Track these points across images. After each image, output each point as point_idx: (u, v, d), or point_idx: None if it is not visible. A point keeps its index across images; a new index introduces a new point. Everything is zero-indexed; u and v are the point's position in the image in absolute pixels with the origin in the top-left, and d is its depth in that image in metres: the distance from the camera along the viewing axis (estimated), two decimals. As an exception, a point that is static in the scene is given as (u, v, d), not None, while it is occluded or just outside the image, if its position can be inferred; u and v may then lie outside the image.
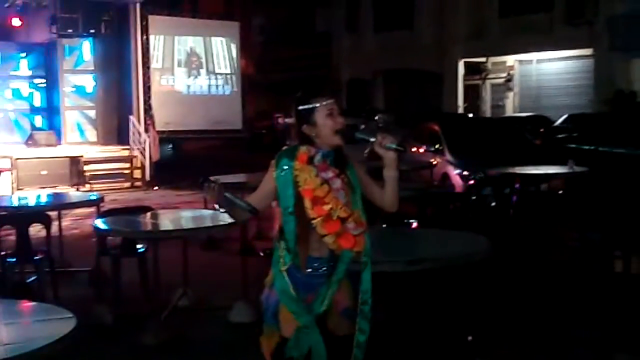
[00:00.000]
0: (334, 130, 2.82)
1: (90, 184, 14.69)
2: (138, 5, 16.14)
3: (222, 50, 18.58)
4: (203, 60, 18.29)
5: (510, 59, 24.72)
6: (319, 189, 2.78)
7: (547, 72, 24.08)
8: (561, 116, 15.88)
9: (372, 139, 2.84)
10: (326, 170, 2.82)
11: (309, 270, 2.82)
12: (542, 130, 14.67)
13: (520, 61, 24.69)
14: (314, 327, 2.77)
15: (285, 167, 2.82)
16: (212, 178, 2.86)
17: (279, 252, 2.85)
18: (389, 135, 2.83)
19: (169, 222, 6.03)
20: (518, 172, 8.61)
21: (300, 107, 2.87)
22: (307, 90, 2.94)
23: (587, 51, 21.79)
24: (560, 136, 13.12)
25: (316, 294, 2.80)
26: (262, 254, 7.19)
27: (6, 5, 15.72)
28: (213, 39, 18.34)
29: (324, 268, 2.82)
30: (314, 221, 2.77)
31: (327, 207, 2.77)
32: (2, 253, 5.83)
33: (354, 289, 2.86)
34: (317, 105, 2.84)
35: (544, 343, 4.73)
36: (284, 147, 2.98)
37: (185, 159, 18.04)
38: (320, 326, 2.79)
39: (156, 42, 17.20)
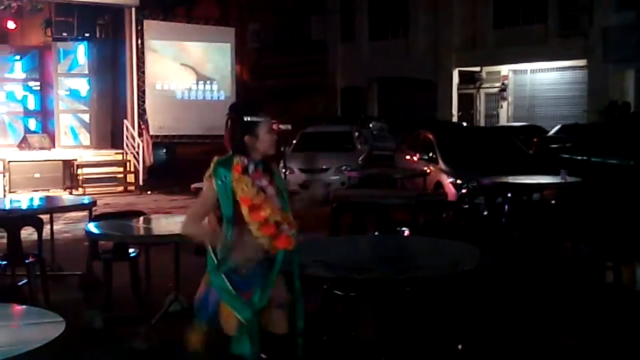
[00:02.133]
0: (271, 145, 3.11)
1: (83, 187, 14.66)
2: (133, 10, 16.15)
3: (217, 56, 18.58)
4: (198, 65, 18.28)
5: (505, 69, 24.82)
6: (256, 198, 3.02)
7: (541, 82, 24.19)
8: (555, 126, 15.92)
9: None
10: (260, 178, 3.08)
11: (243, 270, 3.05)
12: (535, 140, 14.71)
13: (515, 71, 24.79)
14: (255, 322, 3.01)
15: (224, 178, 3.02)
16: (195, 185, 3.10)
17: (217, 255, 3.08)
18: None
19: (161, 227, 6.02)
20: (511, 181, 8.63)
21: (247, 118, 3.10)
22: (250, 104, 3.26)
23: (581, 62, 21.91)
24: (553, 146, 13.16)
25: (253, 291, 3.03)
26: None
27: (1, 7, 15.70)
28: (208, 44, 18.35)
29: (260, 268, 3.07)
30: (251, 226, 3.01)
31: (264, 214, 3.01)
32: (-6, 256, 5.81)
33: (287, 285, 3.13)
34: (263, 120, 3.10)
35: (534, 352, 4.74)
36: (216, 158, 3.14)
37: (178, 164, 17.99)
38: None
39: (151, 46, 17.19)
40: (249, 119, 3.09)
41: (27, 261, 5.77)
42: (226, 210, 3.02)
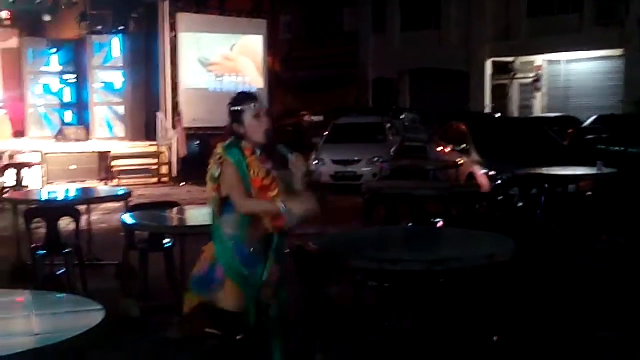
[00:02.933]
0: (259, 131, 3.23)
1: (118, 179, 14.83)
2: (167, 3, 16.26)
3: (250, 48, 18.63)
4: (230, 57, 18.35)
5: (539, 59, 24.49)
6: (267, 179, 3.23)
7: (576, 73, 23.82)
8: (590, 117, 15.71)
9: (290, 157, 3.24)
10: (265, 162, 3.28)
11: (252, 248, 3.24)
12: (570, 131, 14.51)
13: (549, 61, 24.44)
14: (255, 297, 3.21)
15: (239, 157, 3.23)
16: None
17: (227, 231, 3.25)
18: (302, 159, 3.24)
19: (195, 218, 6.08)
20: (546, 172, 8.53)
21: (232, 108, 3.31)
22: (238, 95, 3.39)
23: (618, 51, 21.52)
24: (589, 137, 12.97)
25: (254, 269, 3.21)
26: (288, 250, 7.21)
27: (37, 2, 15.94)
28: (240, 36, 18.40)
29: (257, 247, 3.26)
30: None
31: (271, 194, 3.22)
32: (33, 246, 5.92)
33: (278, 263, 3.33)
34: (245, 107, 3.26)
35: (570, 345, 4.69)
36: (221, 144, 3.33)
37: (211, 156, 18.13)
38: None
39: (184, 39, 17.30)
40: (235, 108, 3.29)
41: (65, 251, 5.88)
42: (246, 187, 3.23)
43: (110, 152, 15.29)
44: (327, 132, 15.26)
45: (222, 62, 18.19)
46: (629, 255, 6.36)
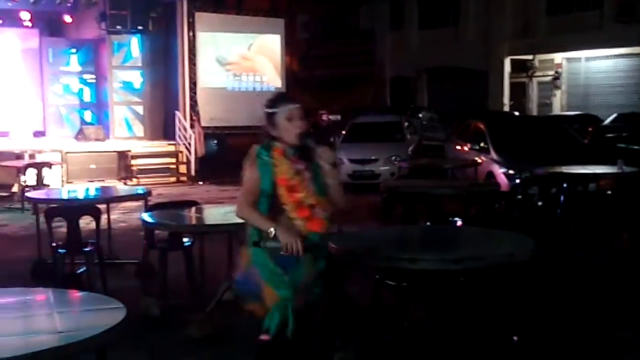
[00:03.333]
0: (293, 133, 3.20)
1: (137, 178, 14.93)
2: (185, 3, 16.35)
3: (267, 47, 18.67)
4: (248, 56, 18.41)
5: (558, 57, 24.28)
6: (293, 179, 3.18)
7: (596, 70, 23.60)
8: (610, 115, 15.56)
9: (317, 149, 3.21)
10: (297, 162, 3.21)
11: (284, 250, 3.13)
12: (590, 129, 14.39)
13: (569, 59, 24.24)
14: (292, 300, 3.12)
15: (265, 157, 3.21)
16: None
17: (256, 232, 3.20)
18: (329, 151, 3.21)
19: (214, 217, 6.10)
20: (565, 171, 8.47)
21: (266, 110, 3.28)
22: (272, 97, 3.35)
23: (638, 49, 21.29)
24: (609, 135, 12.85)
25: (291, 269, 3.14)
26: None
27: (57, 2, 16.08)
28: (258, 35, 18.45)
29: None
30: (286, 206, 3.15)
31: (299, 195, 3.16)
32: (54, 244, 5.97)
33: (315, 265, 3.23)
34: (278, 110, 3.22)
35: (590, 344, 4.66)
36: (256, 146, 3.32)
37: (229, 155, 18.14)
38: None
39: (202, 38, 17.38)
40: (268, 110, 3.26)
41: (85, 249, 5.92)
42: (264, 185, 3.18)
43: (129, 151, 15.40)
44: (344, 131, 15.25)
45: (239, 61, 18.26)
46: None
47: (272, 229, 3.11)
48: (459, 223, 6.67)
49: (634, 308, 5.30)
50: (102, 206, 6.91)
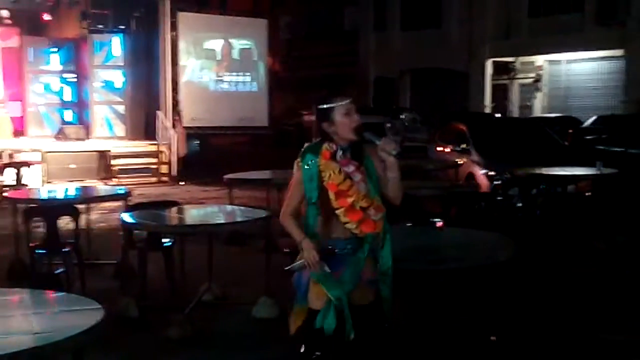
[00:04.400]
0: (350, 128, 3.10)
1: (117, 178, 14.82)
2: (168, 2, 16.26)
3: (249, 48, 18.65)
4: (231, 56, 18.37)
5: (539, 59, 24.47)
6: (343, 184, 3.08)
7: (576, 73, 23.81)
8: (590, 117, 15.71)
9: (378, 142, 3.12)
10: (347, 164, 3.11)
11: (335, 250, 3.11)
12: (570, 131, 14.51)
13: (550, 61, 24.43)
14: (345, 300, 3.04)
15: (311, 162, 3.10)
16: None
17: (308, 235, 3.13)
18: (391, 142, 3.10)
19: (194, 217, 6.08)
20: (545, 172, 8.53)
21: (320, 106, 3.15)
22: (329, 90, 3.29)
23: (619, 52, 21.51)
24: (589, 137, 12.97)
25: (343, 270, 3.09)
26: (286, 251, 7.21)
27: (38, 1, 15.94)
28: (241, 36, 18.42)
29: (349, 247, 3.12)
30: (337, 211, 3.08)
31: (350, 200, 3.07)
32: (32, 244, 5.92)
33: (376, 263, 3.17)
34: (335, 105, 3.12)
35: (570, 346, 4.69)
36: (307, 144, 3.21)
37: (211, 155, 18.12)
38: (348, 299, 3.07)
39: (185, 38, 17.31)
40: (323, 106, 3.14)
41: (64, 250, 5.88)
42: (309, 193, 3.10)
43: (110, 151, 15.28)
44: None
45: (222, 61, 18.22)
46: (628, 255, 6.36)
47: (299, 240, 3.09)
48: (440, 224, 6.69)
49: (613, 309, 5.35)
50: (82, 206, 6.86)
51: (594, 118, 15.32)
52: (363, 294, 3.13)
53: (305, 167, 3.10)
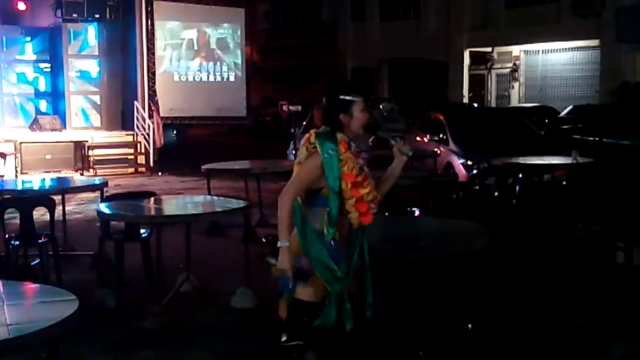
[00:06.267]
0: (363, 124, 3.17)
1: (94, 168, 14.71)
2: (143, -9, 16.10)
3: (227, 37, 18.53)
4: (208, 46, 18.24)
5: (516, 49, 24.61)
6: (360, 175, 3.14)
7: (553, 63, 23.99)
8: (566, 107, 15.81)
9: (393, 142, 3.24)
10: (358, 157, 3.18)
11: (332, 243, 3.14)
12: (546, 120, 14.62)
13: (526, 51, 24.59)
14: (345, 294, 3.10)
15: (331, 151, 3.09)
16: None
17: (315, 225, 3.12)
18: (407, 143, 3.21)
19: (172, 208, 6.05)
20: (522, 162, 8.60)
21: (342, 96, 3.15)
22: (346, 84, 3.33)
23: (594, 42, 21.69)
24: (565, 127, 13.08)
25: (340, 263, 3.12)
26: (264, 241, 7.20)
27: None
28: (218, 25, 18.29)
29: (346, 242, 3.18)
30: (348, 201, 3.11)
31: (363, 191, 3.12)
32: (7, 236, 5.85)
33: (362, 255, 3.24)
34: (357, 99, 3.16)
35: (543, 333, 4.74)
36: (315, 131, 3.19)
37: (189, 146, 18.04)
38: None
39: (161, 28, 17.15)
40: (345, 97, 3.15)
41: (39, 241, 5.82)
42: (332, 182, 3.08)
43: (86, 141, 15.14)
44: (305, 122, 15.23)
45: (199, 51, 18.09)
46: (603, 244, 6.43)
47: (278, 244, 3.08)
48: (417, 213, 6.72)
49: (587, 297, 5.41)
50: (57, 197, 6.79)
51: (569, 108, 15.42)
52: (355, 287, 3.20)
53: (326, 155, 3.07)
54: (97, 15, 16.49)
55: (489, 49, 25.21)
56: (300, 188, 3.13)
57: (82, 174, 14.15)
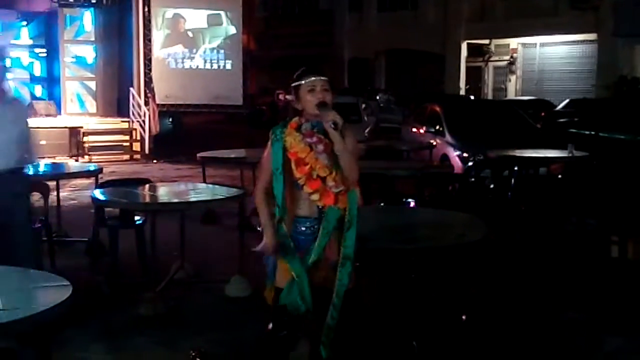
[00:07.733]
0: (312, 105, 3.12)
1: (89, 155, 14.67)
2: (140, -23, 16.00)
3: (224, 25, 18.44)
4: (204, 34, 18.16)
5: (514, 42, 24.60)
6: (302, 151, 3.11)
7: (550, 56, 23.99)
8: (563, 101, 15.83)
9: (322, 111, 3.12)
10: (311, 136, 3.13)
11: (302, 229, 3.14)
12: (543, 114, 14.63)
13: (524, 44, 24.57)
14: (304, 277, 3.07)
15: (278, 134, 3.16)
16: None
17: (277, 209, 3.15)
18: (328, 113, 3.06)
19: (167, 195, 6.04)
20: (517, 155, 8.60)
21: (292, 85, 3.22)
22: (305, 68, 3.26)
23: (591, 36, 21.70)
24: (561, 120, 13.09)
25: (306, 250, 3.11)
26: (259, 229, 7.19)
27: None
28: (215, 12, 18.20)
29: (314, 226, 3.14)
30: (299, 180, 3.09)
31: (307, 167, 3.09)
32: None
33: (339, 246, 3.13)
34: (302, 82, 3.17)
35: (537, 325, 4.75)
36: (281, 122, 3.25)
37: (184, 133, 17.98)
38: (309, 279, 3.09)
39: (158, 14, 17.06)
40: (293, 84, 3.21)
41: (33, 227, 5.78)
42: (275, 164, 3.13)
43: (81, 127, 15.09)
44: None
45: (196, 38, 18.01)
46: (598, 238, 6.45)
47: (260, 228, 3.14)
48: (413, 204, 6.73)
49: (581, 290, 5.43)
50: (52, 183, 6.77)
51: (566, 101, 15.44)
52: (327, 276, 3.11)
53: (274, 139, 3.15)
54: (93, 1, 16.41)
55: (486, 41, 25.19)
56: (264, 177, 3.20)
57: (76, 160, 14.11)
